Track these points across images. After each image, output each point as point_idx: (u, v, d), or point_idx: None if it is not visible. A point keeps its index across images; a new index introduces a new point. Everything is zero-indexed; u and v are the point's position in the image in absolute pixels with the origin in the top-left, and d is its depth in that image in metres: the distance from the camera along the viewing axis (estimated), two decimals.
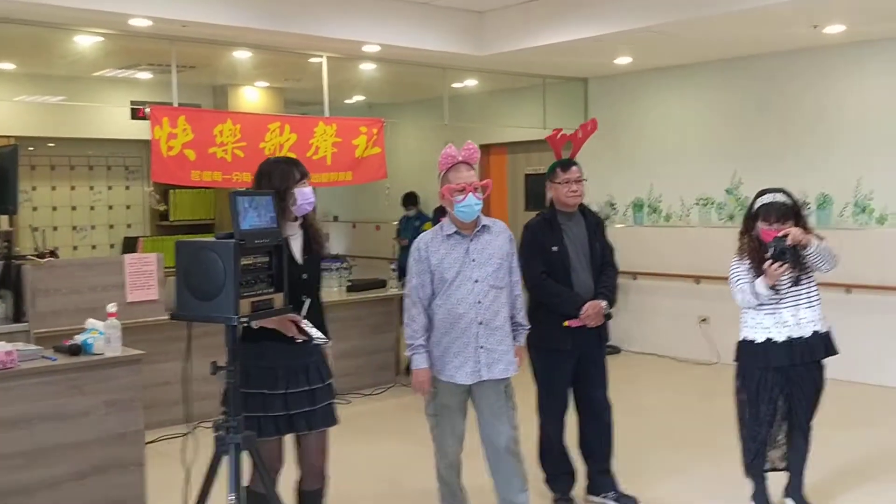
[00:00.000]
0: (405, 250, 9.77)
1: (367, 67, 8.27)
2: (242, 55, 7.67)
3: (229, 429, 3.08)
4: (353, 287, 7.52)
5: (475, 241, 3.89)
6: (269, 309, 3.12)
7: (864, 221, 7.41)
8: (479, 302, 3.84)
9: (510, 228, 4.05)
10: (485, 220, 3.94)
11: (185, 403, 3.67)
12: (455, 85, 9.31)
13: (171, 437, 5.61)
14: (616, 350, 8.91)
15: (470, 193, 3.80)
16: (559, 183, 4.51)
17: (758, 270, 4.15)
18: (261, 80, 9.48)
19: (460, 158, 3.86)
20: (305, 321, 3.43)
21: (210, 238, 3.19)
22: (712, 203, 8.41)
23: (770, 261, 4.05)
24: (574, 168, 4.52)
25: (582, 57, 7.92)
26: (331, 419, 3.60)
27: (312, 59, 7.59)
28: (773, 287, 4.11)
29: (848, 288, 7.34)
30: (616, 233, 8.88)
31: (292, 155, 6.74)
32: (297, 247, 3.55)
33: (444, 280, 3.85)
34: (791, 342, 4.18)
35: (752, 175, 7.80)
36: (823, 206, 7.63)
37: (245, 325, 3.25)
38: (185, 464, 3.42)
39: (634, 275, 8.90)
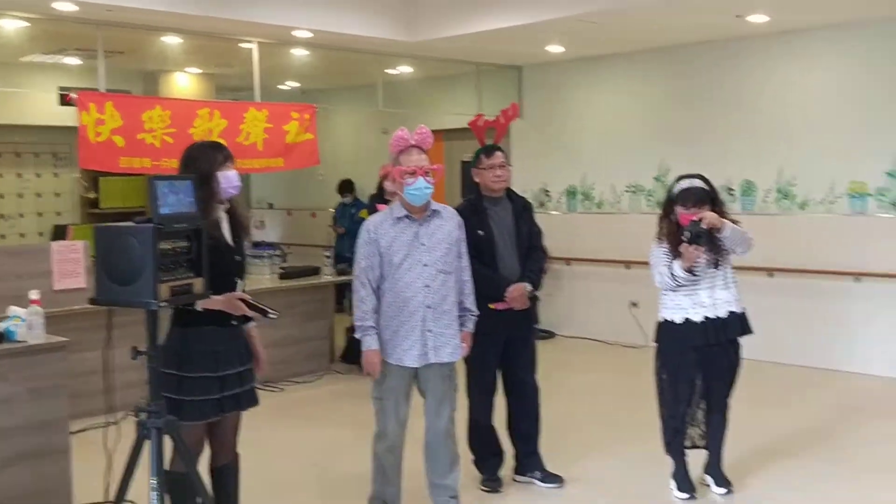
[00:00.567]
0: (341, 238, 9.78)
1: (300, 53, 8.24)
2: (172, 41, 7.58)
3: (150, 413, 3.08)
4: (286, 274, 7.50)
5: (425, 225, 3.94)
6: (188, 293, 3.13)
7: (786, 207, 7.63)
8: (428, 286, 3.89)
9: None
10: (435, 206, 3.99)
11: (107, 390, 3.64)
12: (389, 71, 9.32)
13: (100, 427, 5.53)
14: (550, 335, 9.05)
15: (420, 177, 3.85)
16: (484, 168, 4.57)
17: (676, 253, 4.27)
18: (192, 66, 9.37)
19: (413, 142, 3.91)
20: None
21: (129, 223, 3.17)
22: (642, 190, 8.58)
23: (686, 244, 4.17)
24: (498, 153, 4.59)
25: (515, 45, 7.99)
26: (255, 400, 3.64)
27: (243, 45, 7.53)
28: (689, 269, 4.23)
29: (770, 272, 7.57)
30: (550, 220, 9.05)
31: (222, 141, 6.70)
32: (227, 230, 3.56)
33: (392, 263, 3.89)
34: (708, 322, 4.31)
35: (679, 163, 7.96)
36: (748, 192, 7.84)
37: (189, 308, 3.31)
38: (107, 450, 3.42)
39: (568, 261, 9.04)
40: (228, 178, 3.47)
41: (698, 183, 4.34)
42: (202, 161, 3.47)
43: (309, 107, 7.58)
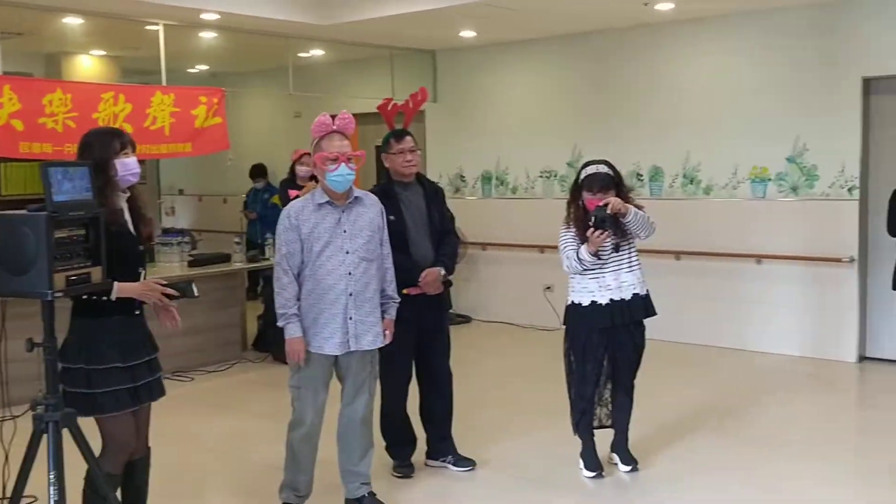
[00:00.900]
0: (253, 224, 9.64)
1: (208, 36, 8.06)
2: (74, 21, 7.31)
3: (47, 407, 3.00)
4: (195, 262, 7.34)
5: (347, 212, 3.92)
6: (86, 283, 3.05)
7: (692, 192, 7.83)
8: (350, 273, 3.87)
9: None
10: (357, 192, 3.97)
11: (1, 384, 3.53)
12: (301, 54, 9.20)
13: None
14: (467, 319, 9.11)
15: (343, 163, 3.83)
16: (394, 153, 4.56)
17: (583, 238, 4.34)
18: (96, 49, 9.07)
19: (335, 127, 3.88)
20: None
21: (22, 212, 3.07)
22: (555, 175, 8.68)
23: (592, 228, 4.24)
24: (408, 138, 4.58)
25: (427, 29, 7.98)
26: (163, 390, 3.57)
27: (149, 27, 7.32)
28: (595, 253, 4.31)
29: (678, 255, 7.77)
30: (466, 205, 9.12)
31: (127, 126, 6.53)
32: (129, 219, 3.47)
33: (313, 250, 3.86)
34: (613, 304, 4.40)
35: (590, 148, 8.05)
36: (655, 177, 8.01)
37: (93, 297, 3.23)
38: (3, 446, 3.32)
39: (484, 246, 9.11)
40: (126, 165, 3.38)
41: (604, 169, 4.41)
42: (98, 147, 3.37)
43: (217, 90, 7.42)
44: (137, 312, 3.44)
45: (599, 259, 4.35)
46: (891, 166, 6.68)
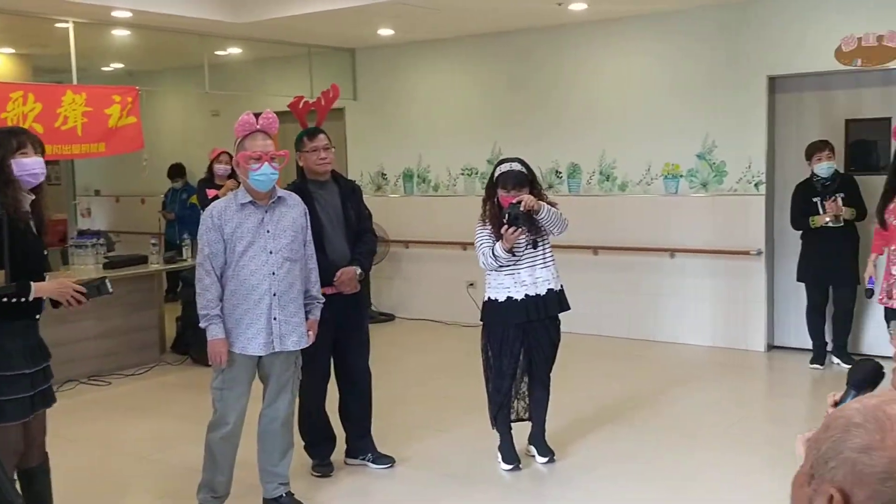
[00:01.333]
0: (171, 224, 9.50)
1: (121, 34, 7.90)
2: None
3: None
4: (110, 264, 7.20)
5: (270, 212, 3.91)
6: None
7: (608, 189, 8.00)
8: (274, 273, 3.86)
9: None
10: (280, 192, 3.97)
11: None
12: (218, 53, 9.09)
13: None
14: (390, 317, 9.14)
15: (266, 163, 3.82)
16: (307, 152, 4.57)
17: (498, 235, 4.41)
18: (3, 46, 8.81)
19: (258, 126, 3.86)
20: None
21: None
22: (476, 173, 8.76)
23: (506, 225, 4.32)
24: (321, 136, 4.59)
25: (345, 27, 7.96)
26: (55, 397, 3.55)
27: (59, 24, 7.15)
28: (510, 250, 4.39)
29: (595, 250, 7.93)
30: (388, 203, 9.14)
31: (38, 126, 6.37)
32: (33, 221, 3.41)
33: (236, 250, 3.83)
34: (528, 300, 4.49)
35: (510, 146, 8.16)
36: (574, 175, 8.16)
37: (13, 301, 3.18)
38: None
39: (407, 243, 9.14)
40: (22, 165, 3.30)
41: (517, 166, 4.49)
42: None
43: (132, 89, 7.28)
44: (38, 317, 3.40)
45: (514, 255, 4.42)
46: (795, 162, 6.93)
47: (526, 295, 4.49)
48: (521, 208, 4.30)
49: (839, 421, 1.17)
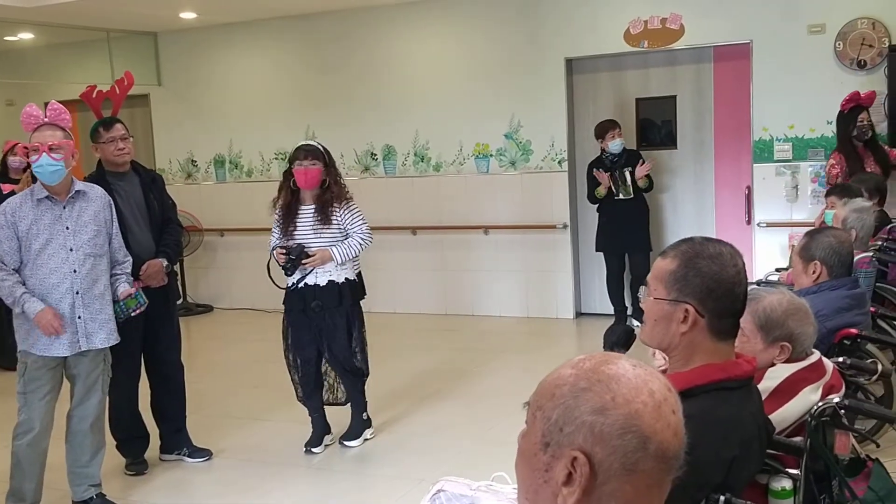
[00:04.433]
0: None
1: None
2: None
3: None
4: None
5: (69, 207, 3.76)
6: None
7: (423, 169, 8.15)
8: (75, 271, 3.73)
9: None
10: (80, 186, 3.82)
11: None
12: (8, 38, 8.53)
13: None
14: (208, 308, 8.94)
15: (44, 153, 3.64)
16: (104, 142, 4.41)
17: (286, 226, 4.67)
18: None
19: (45, 119, 3.72)
20: None
21: None
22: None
23: (282, 269, 4.54)
24: (118, 125, 4.45)
25: (143, 8, 7.65)
26: None
27: None
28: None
29: (413, 230, 8.07)
30: (200, 190, 8.93)
31: None
32: None
33: (32, 248, 3.68)
34: (306, 288, 4.64)
35: (323, 129, 8.14)
36: (388, 156, 8.25)
37: None
38: None
39: (222, 231, 8.95)
40: None
41: (313, 143, 4.62)
42: None
43: None
44: None
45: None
46: (592, 140, 7.30)
47: (305, 283, 4.64)
48: (304, 262, 4.49)
49: (563, 388, 1.24)
